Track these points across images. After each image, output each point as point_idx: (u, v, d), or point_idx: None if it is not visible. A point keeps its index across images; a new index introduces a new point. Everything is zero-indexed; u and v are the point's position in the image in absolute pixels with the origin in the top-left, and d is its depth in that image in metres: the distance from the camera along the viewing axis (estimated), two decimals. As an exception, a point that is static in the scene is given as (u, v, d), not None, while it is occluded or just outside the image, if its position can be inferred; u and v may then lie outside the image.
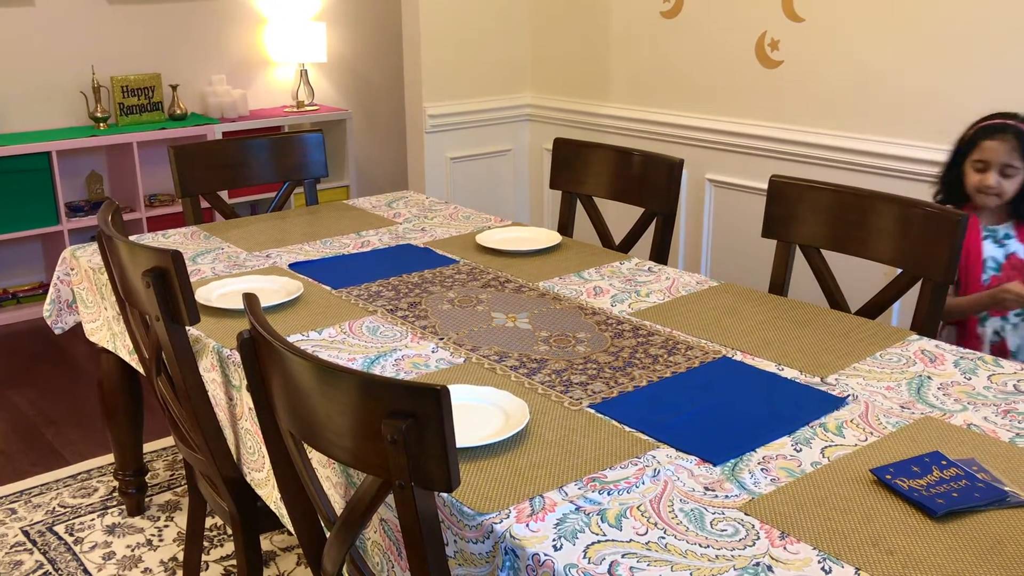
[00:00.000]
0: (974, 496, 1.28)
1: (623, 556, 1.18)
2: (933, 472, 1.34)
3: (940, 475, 1.33)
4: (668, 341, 1.85)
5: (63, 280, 2.50)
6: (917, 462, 1.36)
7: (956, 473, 1.33)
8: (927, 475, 1.33)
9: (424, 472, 1.12)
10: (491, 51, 4.01)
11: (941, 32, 2.76)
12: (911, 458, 1.38)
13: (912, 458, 1.38)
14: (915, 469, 1.34)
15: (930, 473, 1.33)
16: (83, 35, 4.35)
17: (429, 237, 2.58)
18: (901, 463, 1.37)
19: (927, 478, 1.32)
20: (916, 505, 1.27)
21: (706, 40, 3.42)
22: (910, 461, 1.37)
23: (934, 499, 1.27)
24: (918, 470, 1.34)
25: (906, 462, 1.37)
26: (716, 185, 3.48)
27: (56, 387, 3.55)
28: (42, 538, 2.56)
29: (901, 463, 1.37)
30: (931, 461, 1.37)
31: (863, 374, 1.70)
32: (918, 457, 1.38)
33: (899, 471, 1.34)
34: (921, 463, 1.36)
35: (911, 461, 1.37)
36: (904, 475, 1.33)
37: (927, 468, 1.35)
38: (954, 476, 1.33)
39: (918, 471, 1.34)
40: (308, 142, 3.03)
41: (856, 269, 2.68)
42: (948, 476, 1.33)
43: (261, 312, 1.38)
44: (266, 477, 1.75)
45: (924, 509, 1.26)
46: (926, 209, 2.06)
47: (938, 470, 1.34)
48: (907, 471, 1.34)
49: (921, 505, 1.27)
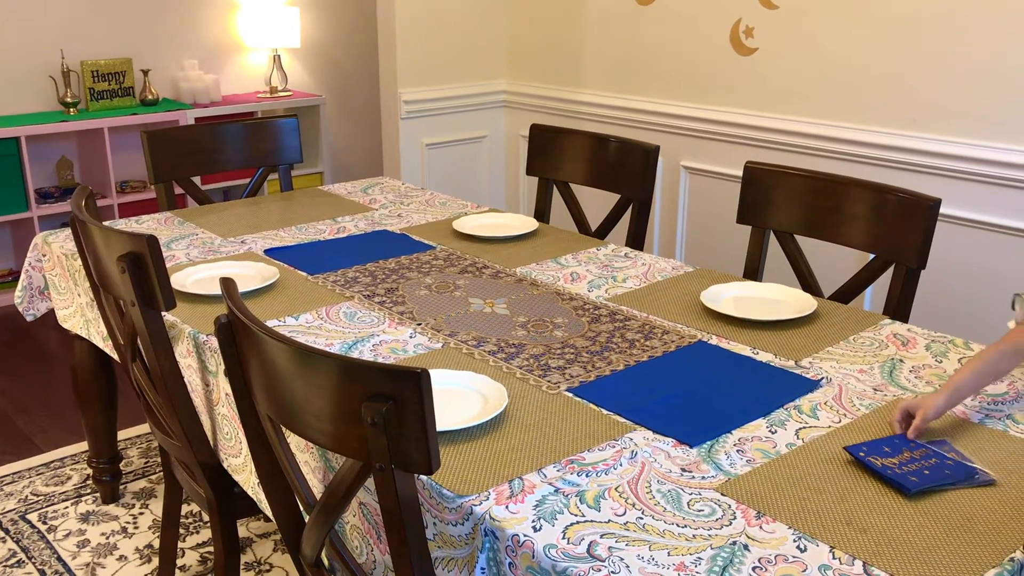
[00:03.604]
0: (944, 473, 1.31)
1: (602, 536, 1.19)
2: (903, 452, 1.36)
3: (911, 454, 1.36)
4: (645, 326, 1.87)
5: (35, 266, 2.47)
6: (888, 442, 1.39)
7: (926, 452, 1.37)
8: (898, 454, 1.36)
9: (404, 455, 1.12)
10: (467, 37, 4.00)
11: (914, 20, 2.78)
12: (883, 438, 1.41)
13: (884, 438, 1.41)
14: (886, 449, 1.37)
15: (900, 453, 1.36)
16: (52, 18, 4.29)
17: (405, 223, 2.58)
18: (874, 442, 1.39)
19: (899, 456, 1.35)
20: (889, 483, 1.30)
21: (681, 27, 3.43)
22: (882, 441, 1.40)
23: (907, 477, 1.30)
24: (889, 450, 1.37)
25: (878, 441, 1.40)
26: (691, 172, 3.50)
27: (28, 374, 3.51)
28: (15, 526, 2.54)
29: (874, 442, 1.39)
30: (901, 442, 1.40)
31: (836, 357, 1.72)
32: (888, 438, 1.41)
33: (872, 449, 1.37)
34: (892, 443, 1.39)
35: (883, 441, 1.40)
36: (877, 453, 1.36)
37: (898, 448, 1.38)
38: (924, 455, 1.36)
39: (889, 451, 1.37)
40: (283, 127, 3.01)
41: (830, 254, 2.71)
42: (919, 455, 1.36)
43: (239, 297, 1.37)
44: (243, 462, 1.74)
45: (898, 487, 1.29)
46: (899, 195, 2.08)
47: (908, 450, 1.37)
48: (879, 450, 1.37)
49: (895, 483, 1.29)
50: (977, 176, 2.71)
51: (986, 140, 2.68)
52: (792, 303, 1.97)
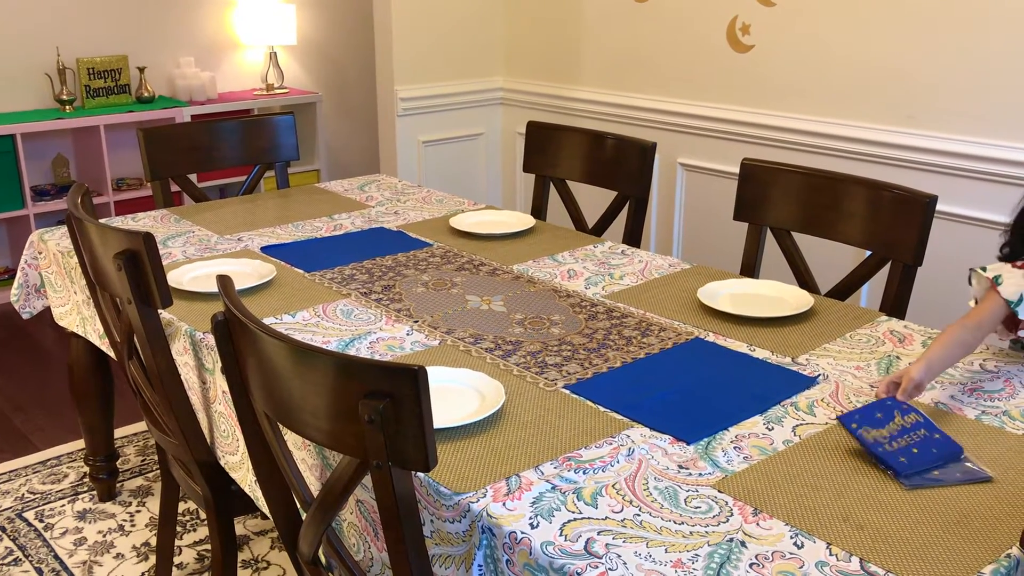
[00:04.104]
0: (932, 452, 1.34)
1: (599, 533, 1.19)
2: (895, 418, 1.39)
3: (902, 421, 1.38)
4: (642, 323, 1.87)
5: (31, 264, 2.47)
6: (880, 407, 1.42)
7: (916, 420, 1.39)
8: (890, 420, 1.38)
9: (401, 452, 1.12)
10: (463, 34, 4.00)
11: (911, 17, 2.78)
12: (872, 403, 1.44)
13: (873, 403, 1.44)
14: (879, 415, 1.40)
15: (892, 419, 1.39)
16: (48, 16, 4.28)
17: (402, 220, 2.58)
18: (865, 408, 1.42)
19: (889, 426, 1.37)
20: (880, 462, 1.33)
21: (678, 24, 3.43)
22: (872, 406, 1.43)
23: (897, 456, 1.32)
24: (881, 415, 1.40)
25: (869, 407, 1.42)
26: (688, 169, 3.50)
27: (24, 372, 3.50)
28: (11, 524, 2.54)
29: (865, 408, 1.42)
30: (892, 405, 1.42)
31: (833, 354, 1.72)
32: (879, 402, 1.44)
33: (864, 418, 1.39)
34: (883, 407, 1.42)
35: (875, 406, 1.42)
36: (869, 423, 1.38)
37: (889, 414, 1.40)
38: (913, 424, 1.38)
39: (881, 416, 1.39)
40: (279, 125, 3.01)
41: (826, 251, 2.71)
42: (910, 423, 1.38)
43: (235, 294, 1.37)
44: (240, 460, 1.74)
45: (888, 468, 1.31)
46: (895, 192, 2.08)
47: (899, 415, 1.40)
48: (871, 418, 1.39)
49: (885, 463, 1.32)
50: (973, 173, 2.71)
51: (983, 137, 2.68)
52: (789, 300, 1.97)
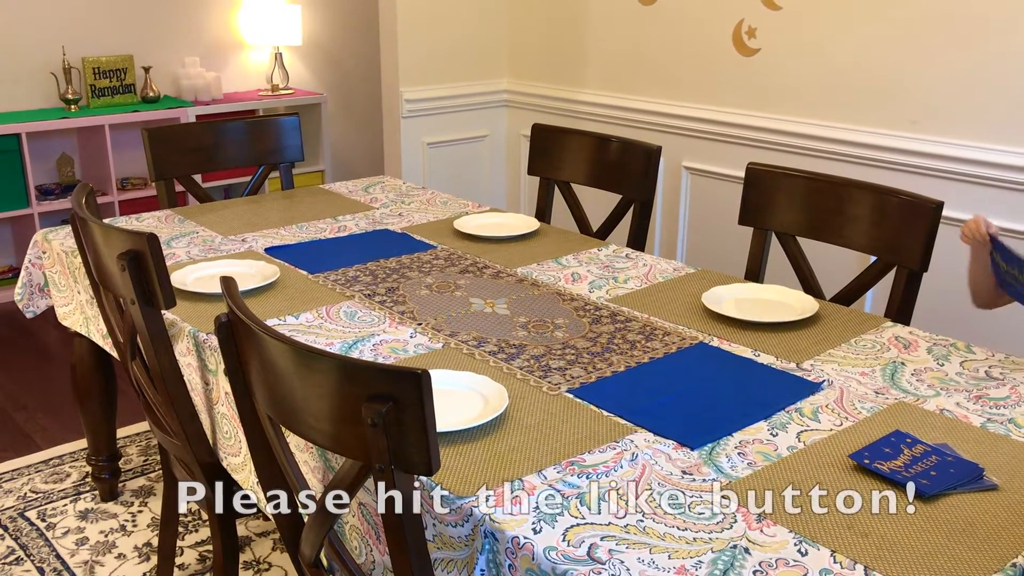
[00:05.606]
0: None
1: (602, 539, 1.18)
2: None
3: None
4: (645, 327, 1.86)
5: (35, 263, 2.47)
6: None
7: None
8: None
9: (404, 456, 1.12)
10: (468, 36, 4.00)
11: (917, 22, 2.78)
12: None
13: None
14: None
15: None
16: (54, 15, 4.28)
17: (406, 222, 2.57)
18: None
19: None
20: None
21: (683, 28, 3.43)
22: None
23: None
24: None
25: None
26: (693, 173, 3.49)
27: (27, 372, 3.51)
28: (14, 524, 2.54)
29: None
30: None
31: (838, 360, 1.72)
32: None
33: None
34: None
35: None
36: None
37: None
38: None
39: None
40: (284, 126, 3.01)
41: (831, 256, 2.70)
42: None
43: (239, 295, 1.37)
44: (243, 462, 1.74)
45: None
46: (901, 197, 2.08)
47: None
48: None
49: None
50: (979, 179, 2.70)
51: (988, 142, 2.68)
52: (794, 305, 1.96)
